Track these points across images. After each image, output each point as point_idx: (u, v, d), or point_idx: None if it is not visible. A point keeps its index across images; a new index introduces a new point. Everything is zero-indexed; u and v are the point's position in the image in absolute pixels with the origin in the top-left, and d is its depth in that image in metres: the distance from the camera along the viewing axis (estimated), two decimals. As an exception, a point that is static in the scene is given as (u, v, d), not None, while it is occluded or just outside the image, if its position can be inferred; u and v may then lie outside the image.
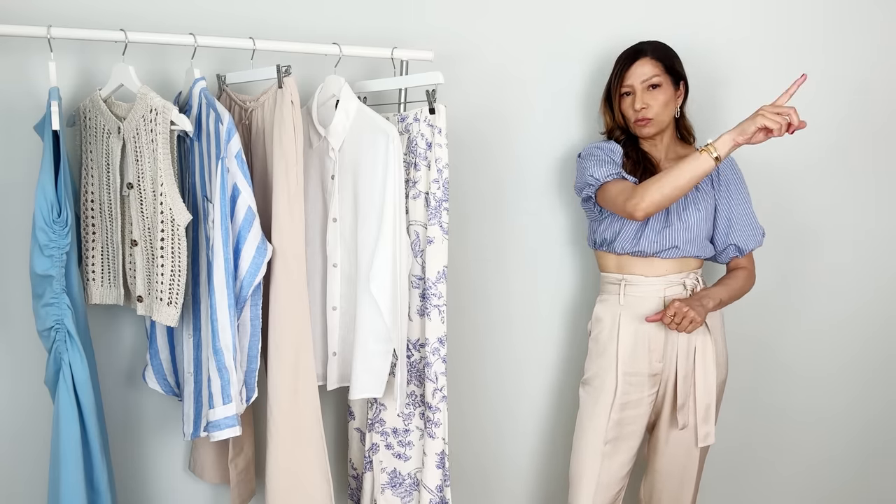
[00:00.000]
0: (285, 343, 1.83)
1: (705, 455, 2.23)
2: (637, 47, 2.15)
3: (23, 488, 2.09)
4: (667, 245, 2.12)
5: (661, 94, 2.12)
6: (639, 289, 2.15)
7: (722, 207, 2.18)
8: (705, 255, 2.19)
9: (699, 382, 2.12)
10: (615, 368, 2.15)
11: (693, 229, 2.13)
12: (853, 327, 2.74)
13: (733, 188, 2.18)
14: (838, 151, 2.64)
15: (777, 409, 2.74)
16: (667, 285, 2.14)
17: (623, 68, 2.14)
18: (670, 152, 2.21)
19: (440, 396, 1.99)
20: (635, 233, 2.13)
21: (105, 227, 1.93)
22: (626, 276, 2.16)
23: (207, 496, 2.29)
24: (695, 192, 2.14)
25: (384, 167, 1.86)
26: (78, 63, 1.97)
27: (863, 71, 2.62)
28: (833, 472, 2.82)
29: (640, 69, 2.12)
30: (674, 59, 2.16)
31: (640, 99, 2.12)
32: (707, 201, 2.16)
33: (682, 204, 2.13)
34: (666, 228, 2.12)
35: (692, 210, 2.13)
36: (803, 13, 2.55)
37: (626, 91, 2.15)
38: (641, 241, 2.12)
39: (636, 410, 2.16)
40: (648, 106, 2.11)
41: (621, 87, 2.15)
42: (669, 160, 2.19)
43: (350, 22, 2.19)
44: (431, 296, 1.96)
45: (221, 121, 1.73)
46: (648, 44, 2.16)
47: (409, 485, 2.09)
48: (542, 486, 2.62)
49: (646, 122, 2.13)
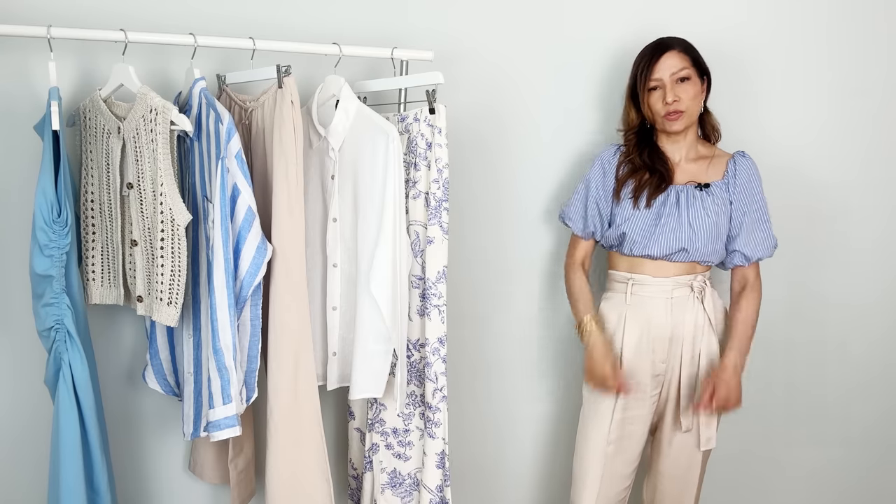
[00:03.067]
0: (285, 343, 1.83)
1: (707, 457, 2.23)
2: (661, 41, 2.11)
3: (23, 488, 2.09)
4: (676, 248, 2.09)
5: (690, 87, 2.08)
6: (646, 289, 2.13)
7: (734, 212, 2.13)
8: (716, 261, 2.16)
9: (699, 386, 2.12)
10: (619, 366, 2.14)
11: (704, 235, 2.09)
12: (862, 329, 2.73)
13: (747, 194, 2.13)
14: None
15: (780, 412, 2.73)
16: (674, 286, 2.12)
17: (651, 62, 2.08)
18: (691, 152, 2.17)
19: (440, 396, 1.99)
20: (646, 236, 2.11)
21: (105, 227, 1.93)
22: (635, 276, 2.14)
23: (207, 496, 2.29)
24: (708, 196, 2.11)
25: (384, 167, 1.86)
26: (78, 63, 1.97)
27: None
28: (837, 477, 2.82)
29: (669, 61, 2.07)
30: (697, 53, 2.12)
31: (671, 92, 2.06)
32: (720, 207, 2.11)
33: (693, 209, 2.10)
34: (678, 231, 2.09)
35: (703, 216, 2.09)
36: (804, 11, 2.55)
37: (654, 85, 2.09)
38: (651, 244, 2.10)
39: (639, 411, 2.16)
40: (680, 99, 2.06)
41: (649, 80, 2.09)
42: (690, 160, 2.16)
43: (350, 22, 2.19)
44: (431, 296, 1.96)
45: (221, 121, 1.73)
46: (671, 38, 2.12)
47: (409, 485, 2.09)
48: (542, 485, 2.62)
49: (678, 116, 2.08)
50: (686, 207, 2.10)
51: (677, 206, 2.10)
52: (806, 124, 2.57)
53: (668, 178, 2.12)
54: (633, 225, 2.11)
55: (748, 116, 2.51)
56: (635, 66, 2.13)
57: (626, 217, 2.12)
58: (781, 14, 2.51)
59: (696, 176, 2.14)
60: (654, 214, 2.10)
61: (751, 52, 2.51)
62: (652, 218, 2.10)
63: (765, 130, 2.53)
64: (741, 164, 2.14)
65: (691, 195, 2.11)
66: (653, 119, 2.14)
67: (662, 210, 2.10)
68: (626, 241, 2.13)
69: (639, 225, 2.11)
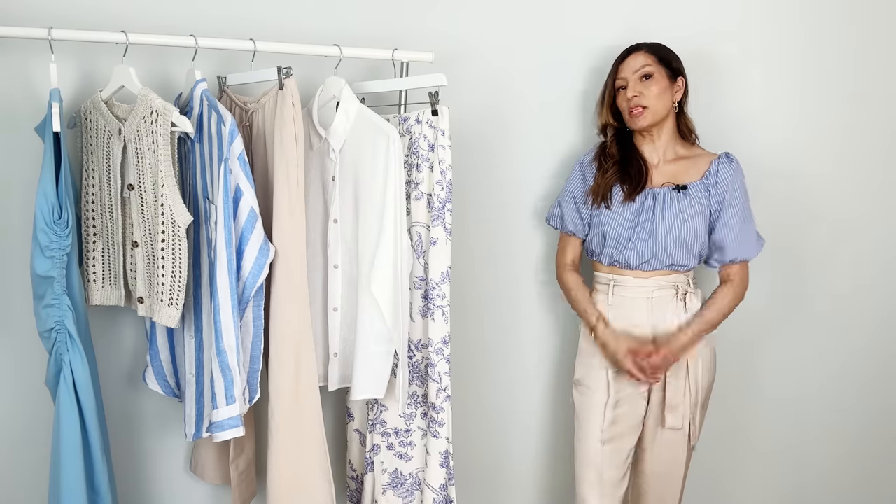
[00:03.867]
0: (286, 344, 1.83)
1: (691, 456, 2.24)
2: (632, 46, 2.17)
3: (24, 489, 2.09)
4: (651, 255, 2.11)
5: (653, 84, 2.11)
6: (628, 290, 2.15)
7: (716, 213, 2.12)
8: (693, 264, 2.15)
9: (690, 384, 2.14)
10: (605, 367, 2.16)
11: (679, 239, 2.10)
12: (849, 331, 2.74)
13: (729, 195, 2.11)
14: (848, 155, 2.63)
15: (762, 411, 2.73)
16: (655, 288, 2.14)
17: (617, 63, 2.16)
18: (669, 151, 2.18)
19: (444, 396, 1.99)
20: (619, 245, 2.13)
21: (106, 229, 1.93)
22: (616, 277, 2.16)
23: (208, 497, 2.29)
24: (685, 198, 2.11)
25: (385, 168, 1.86)
26: (79, 65, 1.97)
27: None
28: (817, 479, 2.82)
29: (633, 61, 2.13)
30: (668, 53, 2.15)
31: (632, 87, 2.11)
32: (698, 209, 2.11)
33: (669, 211, 2.10)
34: (651, 238, 2.10)
35: (678, 220, 2.10)
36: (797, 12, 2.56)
37: (621, 85, 2.15)
38: (626, 252, 2.12)
39: (630, 408, 2.17)
40: (640, 94, 2.10)
41: (616, 80, 2.16)
42: (669, 160, 2.17)
43: (350, 23, 2.19)
44: (435, 296, 1.96)
45: (224, 122, 1.73)
46: (643, 42, 2.17)
47: (411, 485, 2.09)
48: (546, 483, 2.62)
49: (640, 112, 2.11)
50: (661, 211, 2.11)
51: (653, 211, 2.11)
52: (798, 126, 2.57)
53: (643, 181, 2.14)
54: (609, 231, 2.14)
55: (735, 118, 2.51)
56: (610, 70, 2.19)
57: (601, 221, 2.15)
58: (771, 18, 2.52)
59: (675, 177, 2.15)
60: (630, 220, 2.12)
61: (744, 58, 2.52)
62: (628, 224, 2.12)
63: (754, 132, 2.53)
64: (724, 165, 2.13)
65: (668, 197, 2.11)
66: (622, 116, 2.18)
67: (640, 214, 2.12)
68: (605, 250, 2.16)
69: (614, 232, 2.14)
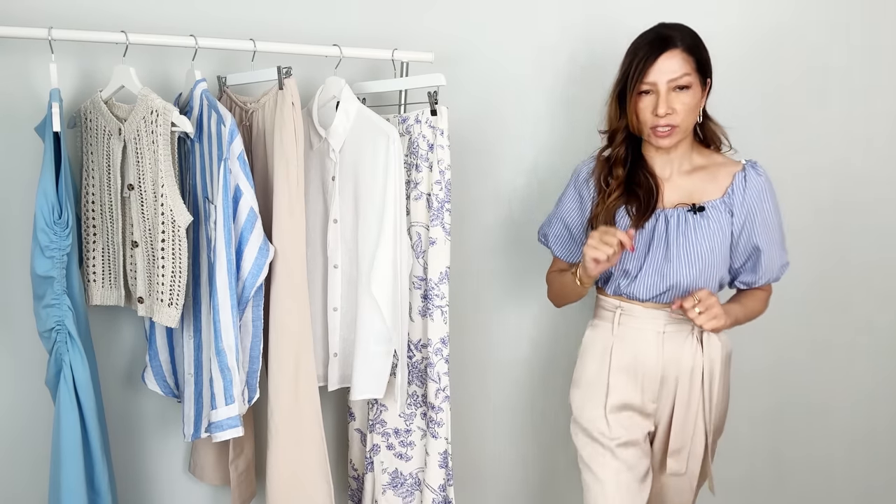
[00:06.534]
0: (286, 344, 1.83)
1: (698, 492, 1.99)
2: (664, 34, 1.75)
3: (23, 489, 2.08)
4: (664, 289, 1.81)
5: (689, 97, 1.74)
6: (635, 320, 1.86)
7: (741, 236, 1.83)
8: (716, 291, 1.86)
9: (697, 428, 1.86)
10: (604, 406, 1.88)
11: (696, 271, 1.80)
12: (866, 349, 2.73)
13: (760, 217, 1.81)
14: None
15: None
16: (668, 321, 1.84)
17: (647, 61, 1.73)
18: (685, 162, 1.85)
19: (443, 396, 1.99)
20: (627, 277, 1.84)
21: (106, 229, 1.93)
22: (623, 305, 1.87)
23: (208, 497, 2.29)
24: (702, 220, 1.80)
25: (384, 168, 1.86)
26: (79, 64, 1.97)
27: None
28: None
29: (668, 64, 1.72)
30: (703, 52, 1.77)
31: (664, 102, 1.72)
32: (717, 234, 1.81)
33: (683, 238, 1.80)
34: (664, 270, 1.80)
35: (695, 248, 1.79)
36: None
37: (647, 89, 1.75)
38: (634, 285, 1.83)
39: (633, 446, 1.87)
40: (674, 111, 1.73)
41: (641, 83, 1.74)
42: (683, 173, 1.85)
43: (350, 23, 2.19)
44: (434, 296, 1.96)
45: (224, 122, 1.73)
46: (677, 29, 1.75)
47: (411, 485, 2.09)
48: (544, 484, 2.62)
49: (669, 132, 1.74)
50: (675, 238, 1.81)
51: (665, 237, 1.82)
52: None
53: (653, 202, 1.82)
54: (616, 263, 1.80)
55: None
56: (627, 61, 1.78)
57: None
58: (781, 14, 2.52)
59: (691, 194, 1.83)
60: (639, 251, 1.82)
61: (746, 51, 2.52)
62: (637, 255, 1.83)
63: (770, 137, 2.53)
64: (751, 179, 1.81)
65: (682, 220, 1.81)
66: (637, 127, 1.79)
67: (650, 242, 1.83)
68: (610, 282, 1.88)
69: (621, 265, 1.84)
